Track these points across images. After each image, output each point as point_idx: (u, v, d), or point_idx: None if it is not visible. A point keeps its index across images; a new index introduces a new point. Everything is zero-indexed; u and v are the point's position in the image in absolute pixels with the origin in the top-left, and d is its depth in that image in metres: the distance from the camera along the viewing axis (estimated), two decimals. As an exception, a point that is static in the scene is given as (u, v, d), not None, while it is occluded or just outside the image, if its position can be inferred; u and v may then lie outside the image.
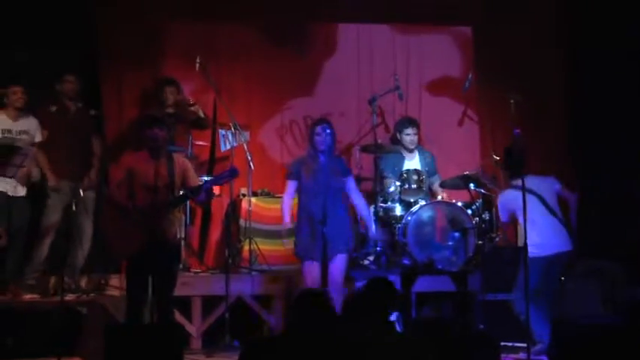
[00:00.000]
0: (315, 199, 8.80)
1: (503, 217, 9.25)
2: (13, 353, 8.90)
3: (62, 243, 9.75)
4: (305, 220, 8.87)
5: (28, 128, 9.75)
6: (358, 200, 9.08)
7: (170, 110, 10.47)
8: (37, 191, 9.87)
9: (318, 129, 8.94)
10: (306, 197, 8.90)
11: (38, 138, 9.77)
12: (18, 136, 9.69)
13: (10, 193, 9.61)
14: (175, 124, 10.35)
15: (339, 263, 8.78)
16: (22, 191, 9.70)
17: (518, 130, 8.98)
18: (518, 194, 8.78)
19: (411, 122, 10.72)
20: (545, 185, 9.23)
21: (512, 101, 9.89)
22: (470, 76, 11.12)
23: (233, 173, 8.35)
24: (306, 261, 8.82)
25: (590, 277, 9.80)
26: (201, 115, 10.65)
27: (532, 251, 8.76)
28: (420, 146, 10.81)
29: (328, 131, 8.91)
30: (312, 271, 8.77)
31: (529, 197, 8.95)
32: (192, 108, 10.57)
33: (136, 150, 8.32)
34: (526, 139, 9.29)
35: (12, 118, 9.71)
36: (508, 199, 9.16)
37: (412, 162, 10.57)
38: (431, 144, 11.30)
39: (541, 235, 8.96)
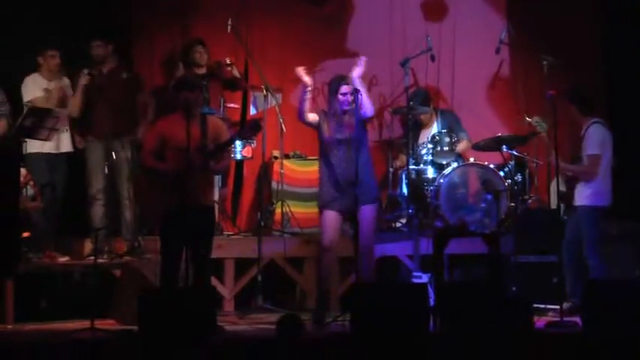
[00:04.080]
0: (336, 151, 8.69)
1: (595, 148, 8.94)
2: (47, 315, 8.99)
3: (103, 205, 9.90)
4: (327, 172, 8.75)
5: (63, 86, 9.97)
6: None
7: (202, 71, 10.49)
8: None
9: (344, 88, 8.72)
10: (328, 150, 8.76)
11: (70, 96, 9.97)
12: (56, 94, 9.89)
13: (53, 151, 9.82)
14: (208, 85, 10.38)
15: (367, 214, 8.71)
16: (66, 147, 9.92)
17: (551, 92, 8.90)
18: (607, 132, 8.91)
19: (424, 100, 10.63)
20: None
21: (545, 62, 9.82)
22: (502, 36, 10.99)
23: (255, 126, 8.32)
24: (324, 210, 8.74)
25: (625, 240, 9.76)
26: (237, 74, 10.65)
27: (595, 200, 8.88)
28: (436, 109, 10.74)
29: (351, 90, 8.68)
30: (329, 220, 8.70)
31: (609, 141, 9.02)
32: (229, 68, 10.57)
33: (168, 114, 8.33)
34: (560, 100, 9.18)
35: (47, 78, 9.92)
36: (603, 130, 9.03)
37: (428, 131, 10.50)
38: (462, 105, 11.26)
39: (607, 183, 9.00)
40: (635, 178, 10.53)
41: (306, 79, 8.82)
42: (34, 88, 9.83)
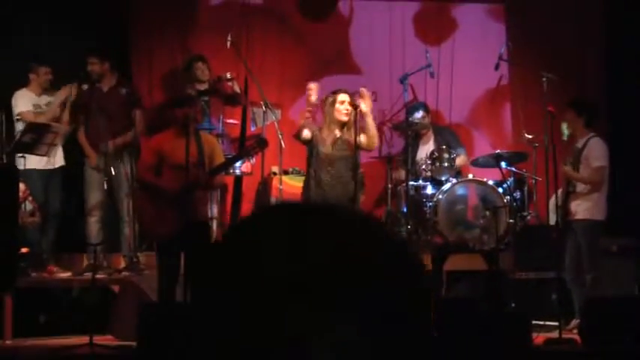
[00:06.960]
0: (330, 169, 8.61)
1: (602, 160, 8.96)
2: (45, 330, 8.97)
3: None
4: (314, 190, 8.64)
5: (52, 101, 9.90)
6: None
7: (203, 87, 10.50)
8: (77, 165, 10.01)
9: (342, 96, 8.65)
10: (321, 166, 8.65)
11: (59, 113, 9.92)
12: (46, 108, 9.86)
13: (47, 167, 9.76)
14: (210, 101, 10.39)
15: None
16: (59, 162, 9.87)
17: (550, 109, 8.91)
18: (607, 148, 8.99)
19: (418, 106, 10.63)
20: None
21: (544, 79, 9.82)
22: (502, 52, 11.00)
23: (262, 143, 8.30)
24: None
25: (624, 256, 9.75)
26: (237, 89, 10.65)
27: (596, 214, 8.89)
28: (434, 126, 10.74)
29: (350, 100, 8.61)
30: None
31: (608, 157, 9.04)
32: (229, 83, 10.57)
33: (164, 129, 8.35)
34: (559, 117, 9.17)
35: (36, 94, 9.90)
36: (605, 145, 9.04)
37: (426, 147, 10.50)
38: (461, 121, 11.28)
39: (605, 197, 9.01)
40: (635, 193, 10.53)
41: (314, 97, 8.74)
42: (23, 103, 9.81)
